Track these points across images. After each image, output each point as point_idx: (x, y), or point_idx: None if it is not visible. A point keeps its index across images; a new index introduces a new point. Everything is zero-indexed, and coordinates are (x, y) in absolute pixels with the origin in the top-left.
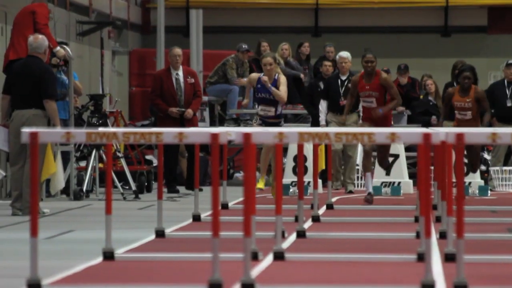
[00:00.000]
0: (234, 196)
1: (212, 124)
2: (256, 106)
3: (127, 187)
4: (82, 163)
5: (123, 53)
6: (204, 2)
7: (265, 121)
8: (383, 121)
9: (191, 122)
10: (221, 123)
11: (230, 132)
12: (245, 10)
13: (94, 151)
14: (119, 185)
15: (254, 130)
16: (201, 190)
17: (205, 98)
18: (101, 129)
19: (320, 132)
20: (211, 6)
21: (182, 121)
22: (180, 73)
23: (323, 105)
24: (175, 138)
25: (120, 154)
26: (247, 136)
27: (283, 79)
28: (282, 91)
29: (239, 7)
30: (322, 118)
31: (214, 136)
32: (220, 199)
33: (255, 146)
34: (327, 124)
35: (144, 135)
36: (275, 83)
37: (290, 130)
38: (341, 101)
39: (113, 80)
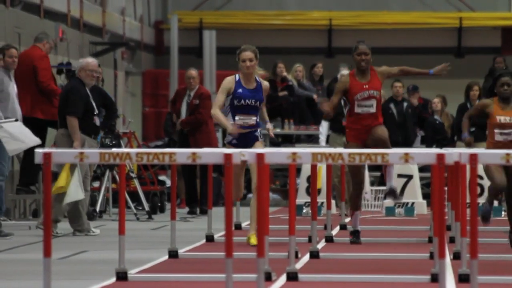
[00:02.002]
0: (247, 217)
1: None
2: (230, 115)
3: (140, 208)
4: (96, 184)
5: (136, 74)
6: (217, 23)
7: (240, 134)
8: (383, 140)
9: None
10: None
11: (243, 153)
12: (258, 31)
13: (107, 172)
14: (132, 205)
15: (267, 150)
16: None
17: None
18: (114, 149)
19: (333, 153)
20: (224, 27)
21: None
22: (192, 93)
23: (324, 126)
24: (188, 158)
25: (133, 175)
26: (260, 156)
27: (267, 86)
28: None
29: (252, 28)
30: (322, 139)
31: (228, 156)
32: (233, 219)
33: (268, 166)
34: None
35: (157, 156)
36: (259, 90)
37: (304, 150)
38: (344, 122)
39: (126, 101)
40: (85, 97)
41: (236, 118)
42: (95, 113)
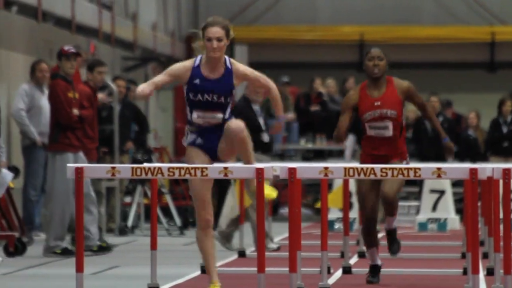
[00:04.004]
0: (279, 232)
1: None
2: (188, 112)
3: (172, 223)
4: (127, 199)
5: (168, 89)
6: (249, 37)
7: (206, 130)
8: (388, 200)
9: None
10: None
11: (275, 168)
12: (290, 46)
13: (139, 187)
14: (164, 220)
15: (299, 165)
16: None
17: None
18: (146, 164)
19: (365, 167)
20: (256, 41)
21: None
22: None
23: (350, 139)
24: (220, 173)
25: (165, 190)
26: (292, 171)
27: (243, 67)
28: (260, 78)
29: (283, 43)
30: (347, 154)
31: (259, 171)
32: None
33: (300, 181)
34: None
35: (189, 170)
36: (227, 78)
37: (336, 165)
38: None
39: (158, 116)
40: None
41: (194, 115)
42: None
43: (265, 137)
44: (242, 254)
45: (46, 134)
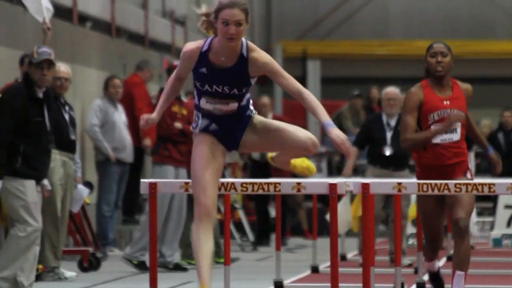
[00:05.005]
0: (352, 247)
1: (330, 175)
2: (196, 95)
3: (245, 238)
4: None
5: None
6: (321, 53)
7: (220, 116)
8: (459, 227)
9: (280, 173)
10: (339, 174)
11: (348, 183)
12: (363, 61)
13: None
14: (237, 236)
15: (372, 181)
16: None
17: (322, 149)
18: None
19: (439, 183)
20: (329, 57)
21: (266, 171)
22: None
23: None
24: (293, 188)
25: (238, 205)
26: (365, 186)
27: (263, 58)
28: (286, 78)
29: (356, 58)
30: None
31: (332, 186)
32: (338, 250)
33: (374, 197)
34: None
35: (262, 186)
36: (241, 67)
37: (409, 180)
38: (384, 150)
39: None
40: None
41: (202, 100)
42: None
43: (388, 151)
44: (315, 269)
45: (119, 149)
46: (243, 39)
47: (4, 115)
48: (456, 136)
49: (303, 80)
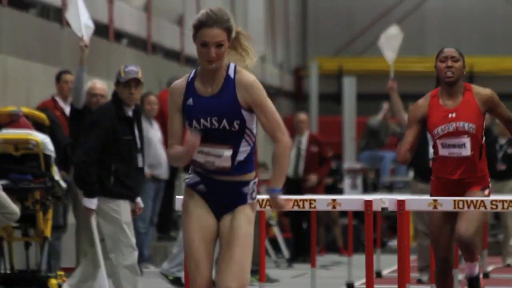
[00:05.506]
0: (388, 265)
1: (365, 191)
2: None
3: (280, 255)
4: None
5: None
6: (357, 70)
7: (212, 179)
8: (464, 241)
9: (313, 190)
10: (375, 190)
11: (383, 200)
12: (399, 77)
13: None
14: (272, 253)
15: (408, 197)
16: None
17: (357, 166)
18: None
19: (475, 200)
20: (364, 73)
21: (299, 189)
22: (303, 139)
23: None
24: (328, 205)
25: (273, 222)
26: (401, 203)
27: (249, 80)
28: (274, 123)
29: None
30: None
31: (368, 203)
32: (374, 267)
33: (409, 214)
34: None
35: (297, 202)
36: (229, 92)
37: (445, 198)
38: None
39: (266, 148)
40: None
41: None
42: None
43: (501, 166)
44: (350, 286)
45: (155, 166)
46: (231, 64)
47: (92, 134)
48: (465, 152)
49: (338, 97)
